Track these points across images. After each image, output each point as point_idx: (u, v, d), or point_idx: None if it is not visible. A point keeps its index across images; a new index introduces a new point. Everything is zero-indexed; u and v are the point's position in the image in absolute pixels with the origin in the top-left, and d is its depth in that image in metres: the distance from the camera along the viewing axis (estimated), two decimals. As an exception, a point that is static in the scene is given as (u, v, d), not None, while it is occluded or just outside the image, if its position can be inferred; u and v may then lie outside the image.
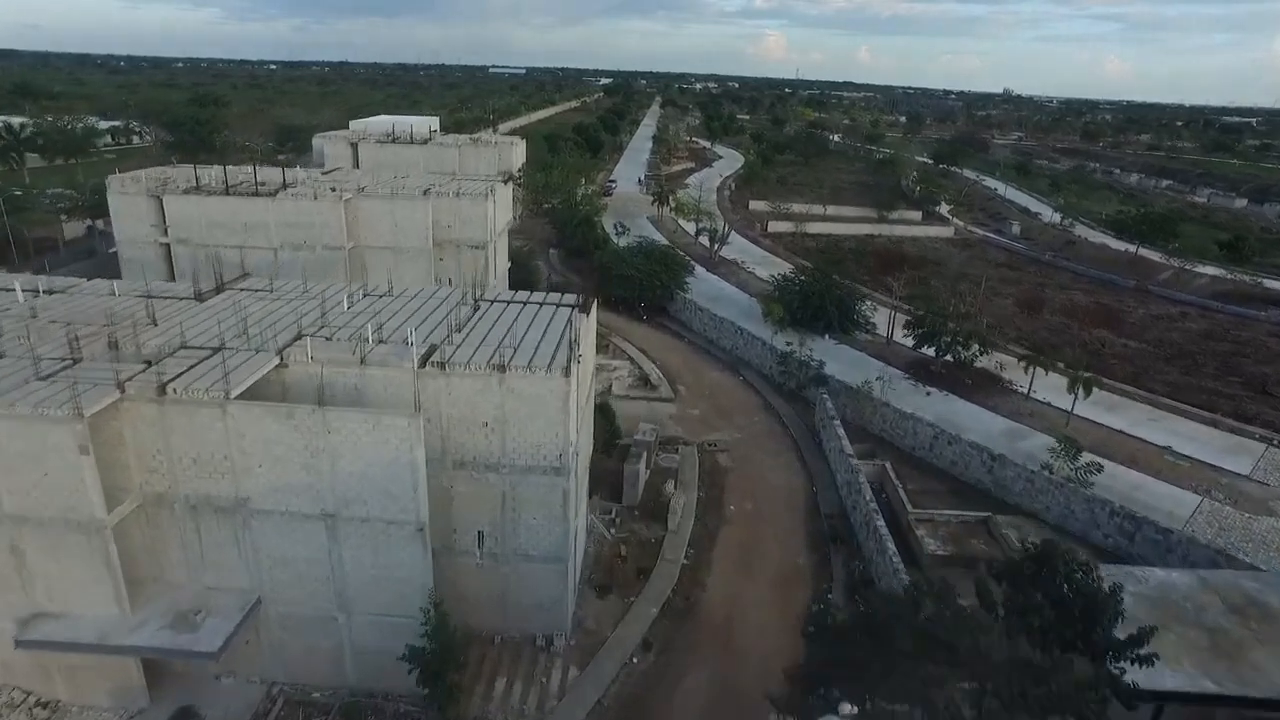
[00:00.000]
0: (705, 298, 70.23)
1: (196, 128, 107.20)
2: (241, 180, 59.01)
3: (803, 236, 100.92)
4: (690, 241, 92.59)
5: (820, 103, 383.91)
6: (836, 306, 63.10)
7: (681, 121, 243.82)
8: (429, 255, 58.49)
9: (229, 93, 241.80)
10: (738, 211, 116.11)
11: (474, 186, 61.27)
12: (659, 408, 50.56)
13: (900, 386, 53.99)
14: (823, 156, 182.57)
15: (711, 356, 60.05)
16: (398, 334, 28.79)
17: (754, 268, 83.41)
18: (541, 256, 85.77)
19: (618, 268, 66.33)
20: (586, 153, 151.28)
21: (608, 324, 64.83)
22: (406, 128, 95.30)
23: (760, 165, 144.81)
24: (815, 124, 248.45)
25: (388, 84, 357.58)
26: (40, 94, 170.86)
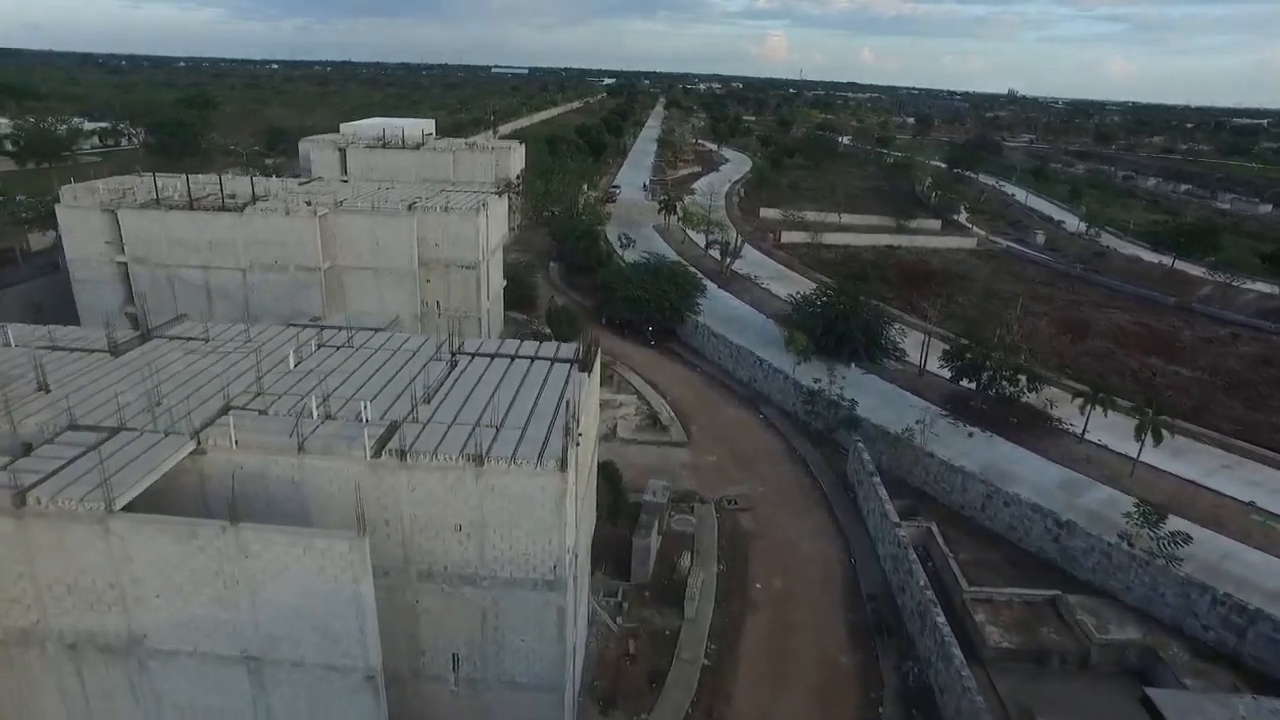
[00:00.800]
0: (718, 319, 64.12)
1: (179, 129, 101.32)
2: (208, 192, 53.02)
3: (818, 248, 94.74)
4: (700, 254, 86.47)
5: (826, 104, 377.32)
6: (863, 332, 57.03)
7: (686, 123, 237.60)
8: (414, 277, 52.52)
9: (226, 93, 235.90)
10: (748, 220, 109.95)
11: (464, 200, 55.20)
12: (671, 454, 44.51)
13: (938, 425, 47.99)
14: (832, 160, 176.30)
15: (727, 389, 53.95)
16: (352, 404, 22.76)
17: (769, 283, 77.29)
18: (541, 270, 79.74)
19: (623, 288, 60.27)
20: (589, 156, 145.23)
21: (612, 350, 58.76)
22: (399, 131, 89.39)
23: (769, 170, 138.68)
24: (822, 126, 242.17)
25: (388, 84, 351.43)
26: (27, 94, 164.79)
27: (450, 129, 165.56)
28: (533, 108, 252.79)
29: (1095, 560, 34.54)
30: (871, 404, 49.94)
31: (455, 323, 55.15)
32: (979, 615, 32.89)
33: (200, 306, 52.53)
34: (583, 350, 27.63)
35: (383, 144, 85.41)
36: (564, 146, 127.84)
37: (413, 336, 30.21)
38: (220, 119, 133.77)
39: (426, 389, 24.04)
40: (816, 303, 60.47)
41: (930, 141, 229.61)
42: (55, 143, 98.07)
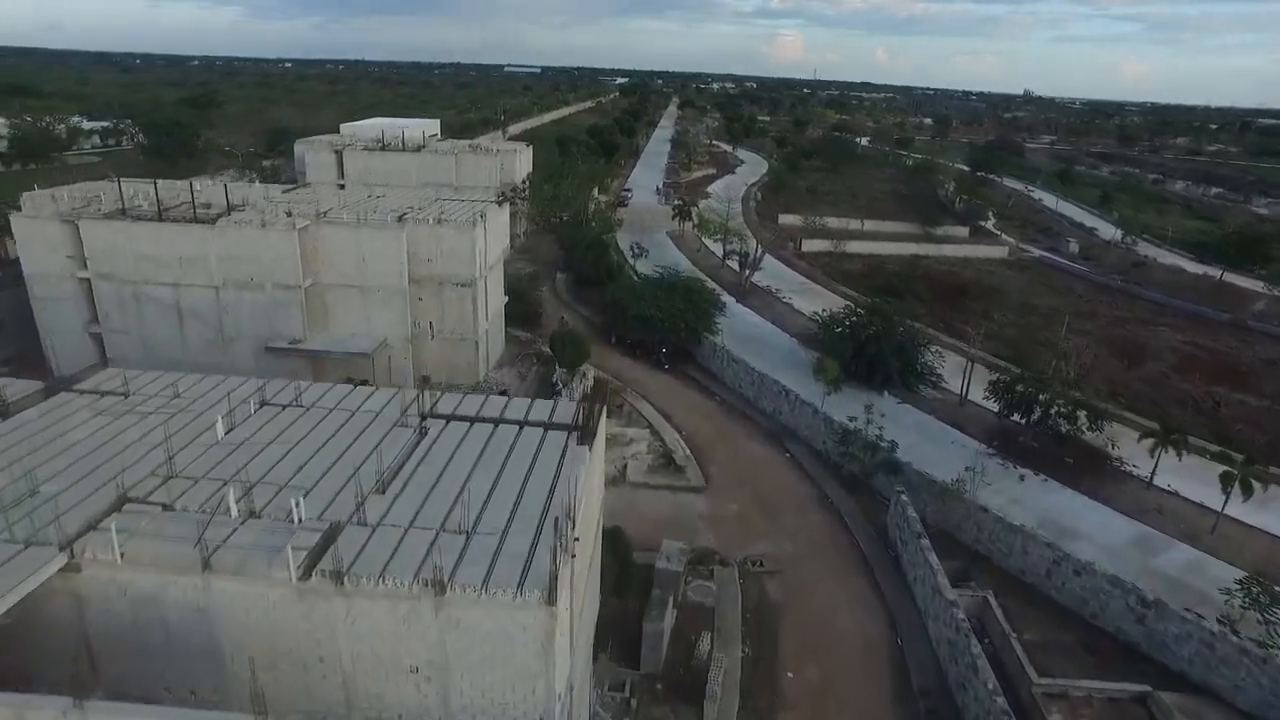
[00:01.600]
0: (738, 339, 58.66)
1: (174, 130, 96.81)
2: (181, 201, 48.07)
3: (841, 257, 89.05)
4: (717, 264, 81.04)
5: (841, 104, 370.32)
6: (898, 356, 51.55)
7: (701, 123, 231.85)
8: (404, 295, 47.41)
9: (236, 91, 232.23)
10: (766, 226, 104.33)
11: (460, 210, 50.02)
12: (687, 502, 39.18)
13: (985, 465, 42.57)
14: (851, 162, 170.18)
15: (749, 422, 48.53)
16: (286, 495, 17.62)
17: (791, 297, 71.75)
18: (548, 282, 74.53)
19: (634, 305, 54.92)
20: (600, 157, 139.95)
21: (621, 375, 53.49)
22: (408, 131, 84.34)
23: (787, 172, 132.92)
24: (839, 126, 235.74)
25: (400, 83, 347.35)
26: (31, 93, 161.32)
27: (458, 129, 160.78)
28: (544, 107, 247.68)
29: (1193, 650, 29.01)
30: (909, 440, 44.54)
31: (450, 344, 50.28)
32: (1053, 714, 27.49)
33: (170, 328, 47.67)
34: (584, 413, 22.23)
35: (381, 146, 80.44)
36: (574, 148, 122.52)
37: (377, 392, 24.99)
38: (222, 119, 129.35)
39: (382, 473, 18.82)
40: (845, 323, 55.04)
41: (950, 143, 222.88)
42: (46, 143, 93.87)
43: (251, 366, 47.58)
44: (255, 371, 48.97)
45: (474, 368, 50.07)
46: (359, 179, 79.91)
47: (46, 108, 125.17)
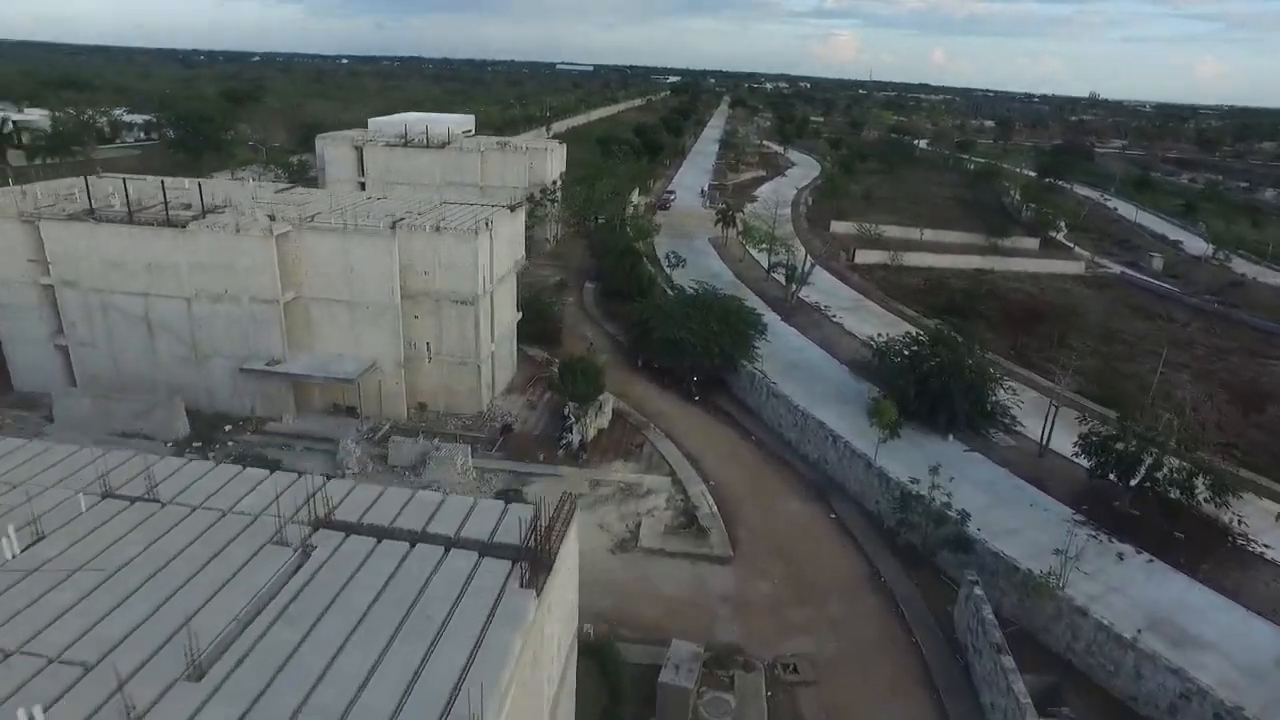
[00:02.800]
0: (781, 365, 51.51)
1: (200, 124, 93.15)
2: (155, 201, 42.72)
3: (899, 270, 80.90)
4: (761, 276, 73.69)
5: (898, 105, 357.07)
6: (966, 394, 43.77)
7: (751, 123, 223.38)
8: (396, 312, 41.32)
9: (287, 86, 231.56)
10: (817, 233, 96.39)
11: (466, 216, 43.74)
12: (709, 576, 32.22)
13: (1074, 536, 34.81)
14: (909, 165, 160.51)
15: (788, 470, 41.30)
16: (50, 678, 11.23)
17: (842, 316, 64.05)
18: (576, 291, 68.08)
19: (662, 327, 48.01)
20: (644, 157, 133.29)
21: (645, 406, 46.72)
22: (437, 127, 78.72)
23: (841, 176, 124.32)
24: (896, 128, 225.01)
25: (452, 79, 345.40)
26: (83, 86, 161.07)
27: (499, 125, 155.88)
28: (591, 105, 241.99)
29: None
30: (980, 501, 36.96)
31: (450, 368, 44.09)
32: None
33: (140, 342, 42.39)
34: (539, 535, 15.37)
35: (405, 142, 75.00)
36: (616, 147, 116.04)
37: (269, 480, 18.28)
38: (258, 113, 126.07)
39: (203, 650, 12.28)
40: (904, 352, 47.40)
41: (1013, 146, 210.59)
42: (71, 137, 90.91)
43: (228, 388, 42.19)
44: (232, 394, 43.70)
45: (476, 395, 43.82)
46: (380, 177, 74.79)
47: (88, 101, 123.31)
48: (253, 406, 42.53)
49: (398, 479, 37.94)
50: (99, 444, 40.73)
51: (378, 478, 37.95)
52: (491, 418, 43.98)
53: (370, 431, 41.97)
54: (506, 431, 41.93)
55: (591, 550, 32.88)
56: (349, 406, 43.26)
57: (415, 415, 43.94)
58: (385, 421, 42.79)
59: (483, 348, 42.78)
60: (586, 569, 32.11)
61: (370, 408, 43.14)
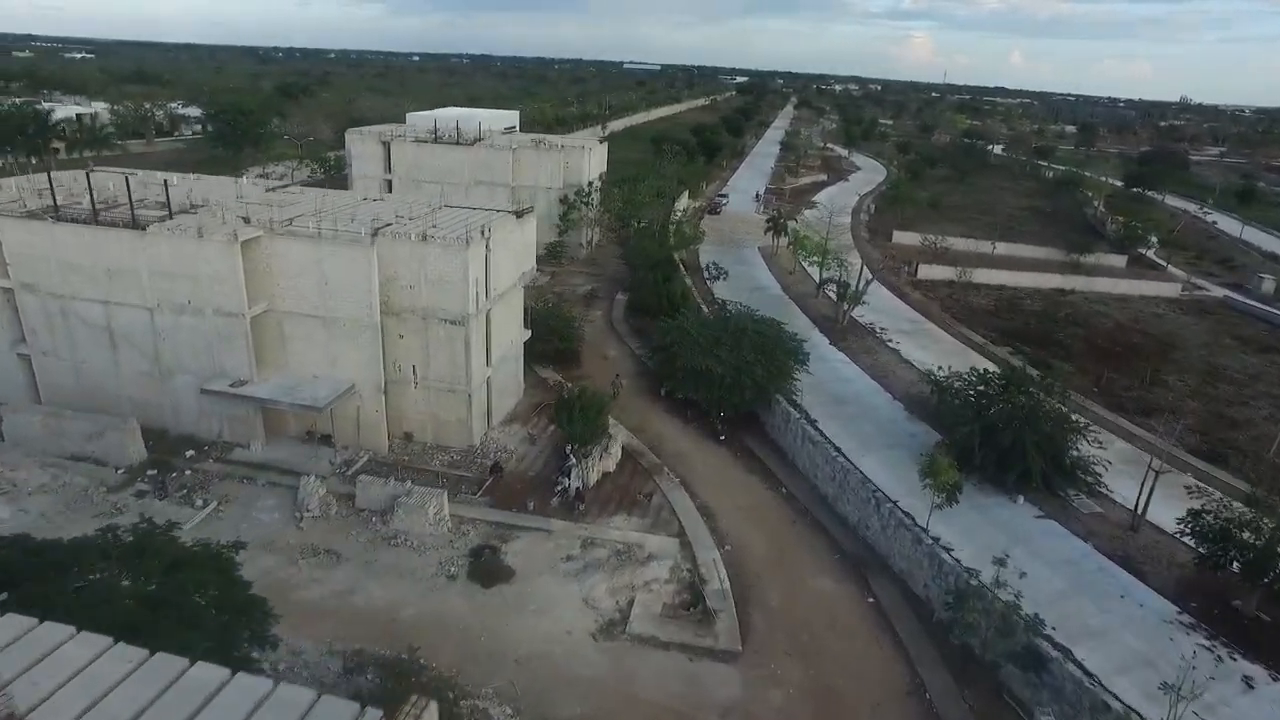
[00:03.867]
0: (824, 398, 44.73)
1: (238, 117, 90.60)
2: (142, 199, 38.24)
3: (966, 288, 72.54)
4: (811, 291, 66.52)
5: (972, 108, 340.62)
6: (1042, 448, 36.27)
7: (816, 125, 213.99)
8: (375, 331, 35.92)
9: (355, 82, 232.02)
10: (877, 244, 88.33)
11: (462, 221, 38.12)
12: (707, 678, 25.80)
13: (1178, 639, 27.45)
14: (981, 173, 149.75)
15: (821, 535, 34.49)
16: None
17: (900, 340, 56.57)
18: (605, 301, 62.09)
19: (687, 354, 41.56)
20: (699, 158, 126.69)
21: (661, 445, 40.45)
22: (456, 123, 73.98)
23: (907, 182, 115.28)
24: (969, 132, 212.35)
25: (517, 77, 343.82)
26: (152, 81, 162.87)
27: (551, 123, 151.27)
28: (652, 104, 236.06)
29: None
30: (1056, 585, 29.97)
31: (438, 396, 38.57)
32: None
33: (103, 354, 38.01)
34: None
35: (435, 138, 70.22)
36: (667, 147, 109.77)
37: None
38: (307, 107, 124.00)
39: None
40: (969, 393, 40.04)
41: (1097, 153, 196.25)
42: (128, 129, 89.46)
43: (194, 408, 37.51)
44: (199, 416, 38.98)
45: (465, 427, 38.22)
46: (407, 175, 70.26)
47: (147, 95, 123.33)
48: (220, 430, 37.84)
49: (364, 525, 32.65)
50: (47, 466, 36.93)
51: (341, 523, 32.76)
52: (483, 453, 38.33)
53: (344, 465, 36.80)
54: (496, 472, 36.21)
55: (569, 635, 26.93)
56: (324, 435, 38.18)
57: (399, 446, 38.62)
58: (363, 453, 37.57)
59: (474, 374, 37.13)
60: (559, 661, 26.21)
61: (348, 436, 37.99)
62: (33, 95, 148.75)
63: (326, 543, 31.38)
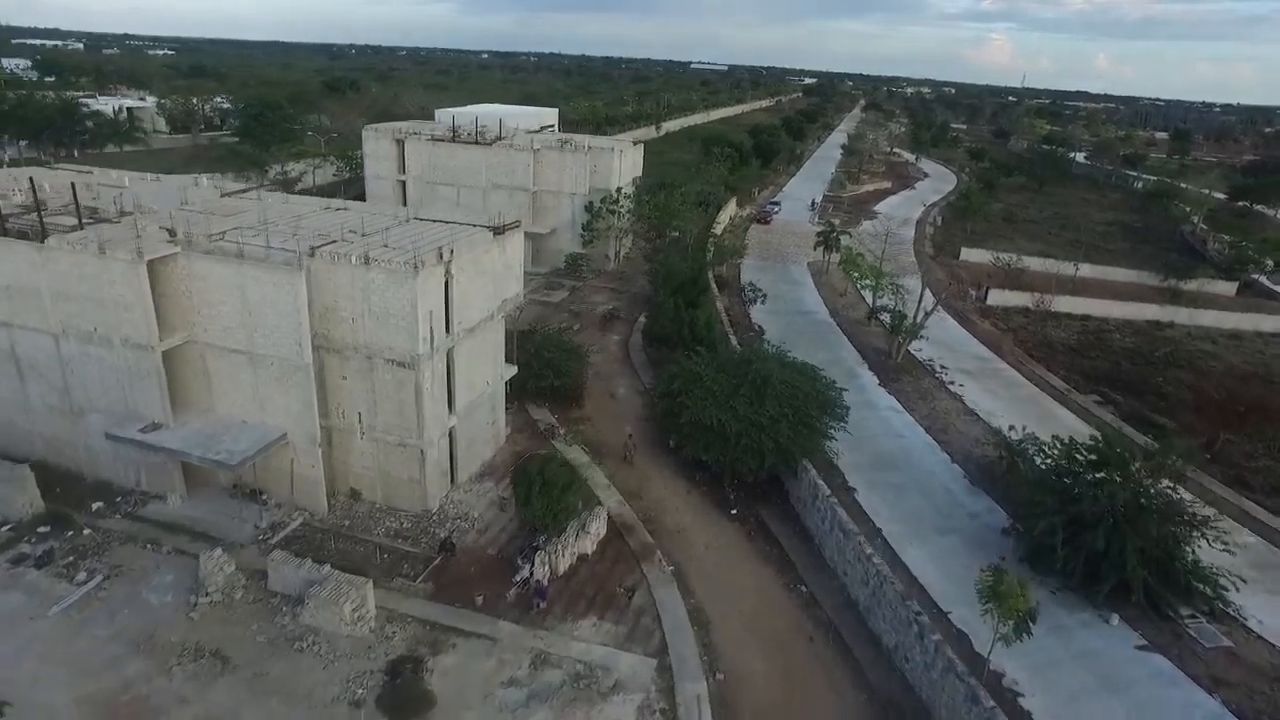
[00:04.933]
0: (867, 458, 36.75)
1: (264, 113, 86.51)
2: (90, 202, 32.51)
3: (1044, 318, 62.67)
4: (862, 317, 57.86)
5: (1054, 113, 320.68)
6: (1146, 553, 27.52)
7: (883, 128, 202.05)
8: (308, 372, 29.25)
9: (412, 78, 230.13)
10: (943, 262, 78.68)
11: (423, 238, 31.27)
12: None
13: None
14: (1062, 183, 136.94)
15: (846, 660, 26.32)
16: None
17: (964, 382, 47.70)
18: (627, 324, 54.66)
19: (696, 405, 33.77)
20: (753, 161, 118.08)
21: (659, 516, 32.88)
22: (474, 120, 67.50)
23: (979, 192, 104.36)
24: (1049, 139, 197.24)
25: (579, 75, 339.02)
26: (210, 76, 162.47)
27: (598, 123, 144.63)
28: (713, 104, 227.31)
29: None
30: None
31: (389, 450, 31.76)
32: None
33: (10, 384, 32.40)
34: None
35: (452, 137, 63.94)
36: (718, 149, 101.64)
37: None
38: (350, 103, 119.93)
39: None
40: (1054, 473, 31.37)
41: (1194, 163, 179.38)
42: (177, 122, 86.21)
43: (110, 451, 31.61)
44: (114, 460, 32.91)
45: (419, 488, 31.36)
46: (422, 176, 64.24)
47: (195, 89, 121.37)
48: (138, 479, 31.87)
49: (271, 616, 26.07)
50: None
51: (245, 612, 26.23)
52: (441, 519, 31.42)
53: (270, 529, 30.36)
54: (446, 550, 29.21)
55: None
56: (254, 491, 31.86)
57: (344, 506, 32.03)
58: (297, 514, 31.09)
59: (428, 426, 30.23)
60: None
61: (282, 492, 31.58)
62: (98, 89, 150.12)
63: (217, 641, 24.87)
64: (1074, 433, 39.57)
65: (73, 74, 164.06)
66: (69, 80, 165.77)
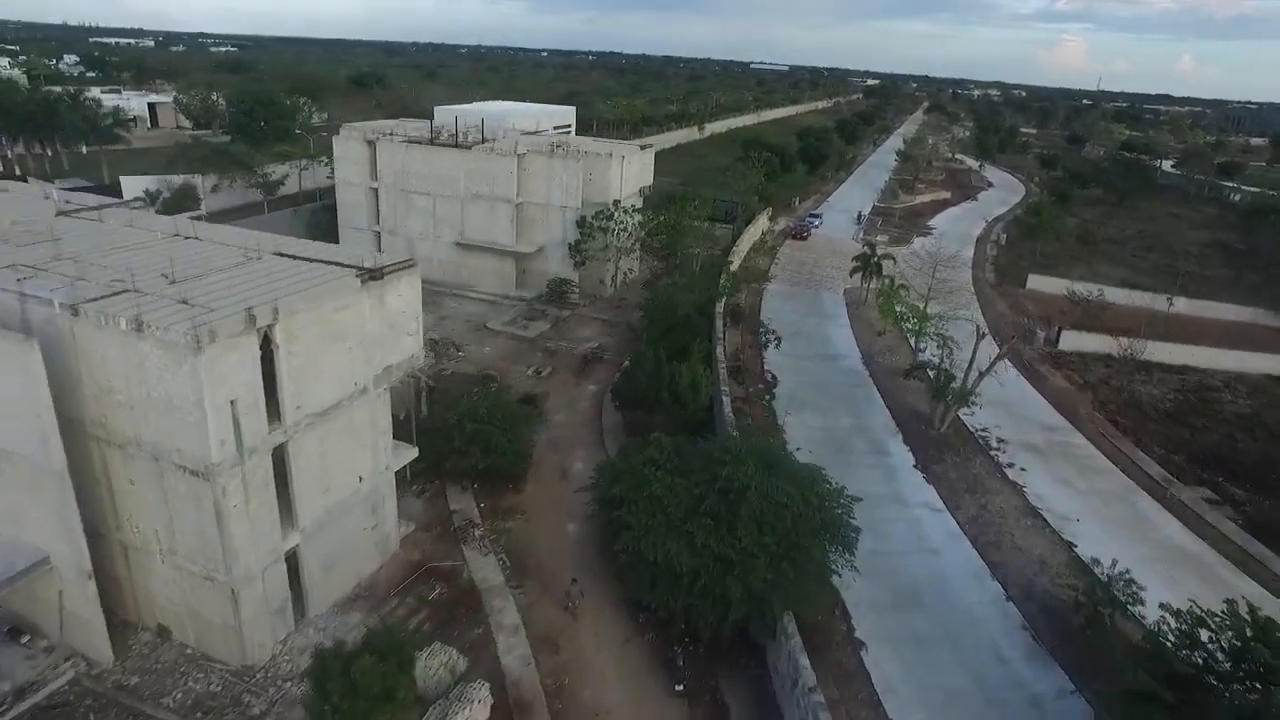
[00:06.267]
0: (888, 591, 26.57)
1: (256, 109, 79.43)
2: None
3: (1132, 369, 50.52)
4: (901, 365, 46.82)
5: (1133, 116, 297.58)
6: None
7: (945, 133, 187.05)
8: (60, 479, 20.19)
9: (466, 74, 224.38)
10: (1006, 291, 66.59)
11: (237, 289, 21.83)
12: None
13: None
14: (1146, 195, 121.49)
15: None
16: None
17: (1025, 466, 36.46)
18: (607, 370, 44.74)
19: (637, 529, 23.71)
20: (798, 166, 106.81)
21: (573, 688, 22.95)
22: (453, 120, 58.43)
23: (1051, 206, 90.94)
24: (1129, 144, 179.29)
25: (633, 73, 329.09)
26: (247, 71, 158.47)
27: (636, 123, 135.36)
28: (765, 104, 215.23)
29: None
30: None
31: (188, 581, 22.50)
32: None
33: None
34: None
35: (432, 139, 55.01)
36: (755, 153, 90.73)
37: None
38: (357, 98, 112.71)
39: None
40: (1174, 650, 20.52)
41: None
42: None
43: None
44: None
45: (234, 636, 22.11)
46: (395, 183, 55.59)
47: (209, 84, 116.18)
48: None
49: None
50: None
51: None
52: (267, 682, 22.17)
53: (23, 689, 21.55)
54: (244, 748, 19.90)
55: None
56: (11, 628, 23.15)
57: (147, 648, 23.09)
58: (67, 664, 22.23)
59: (242, 557, 20.99)
60: None
61: (51, 629, 22.77)
62: (136, 85, 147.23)
63: None
64: (1179, 550, 28.73)
65: (117, 70, 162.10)
66: (112, 76, 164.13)
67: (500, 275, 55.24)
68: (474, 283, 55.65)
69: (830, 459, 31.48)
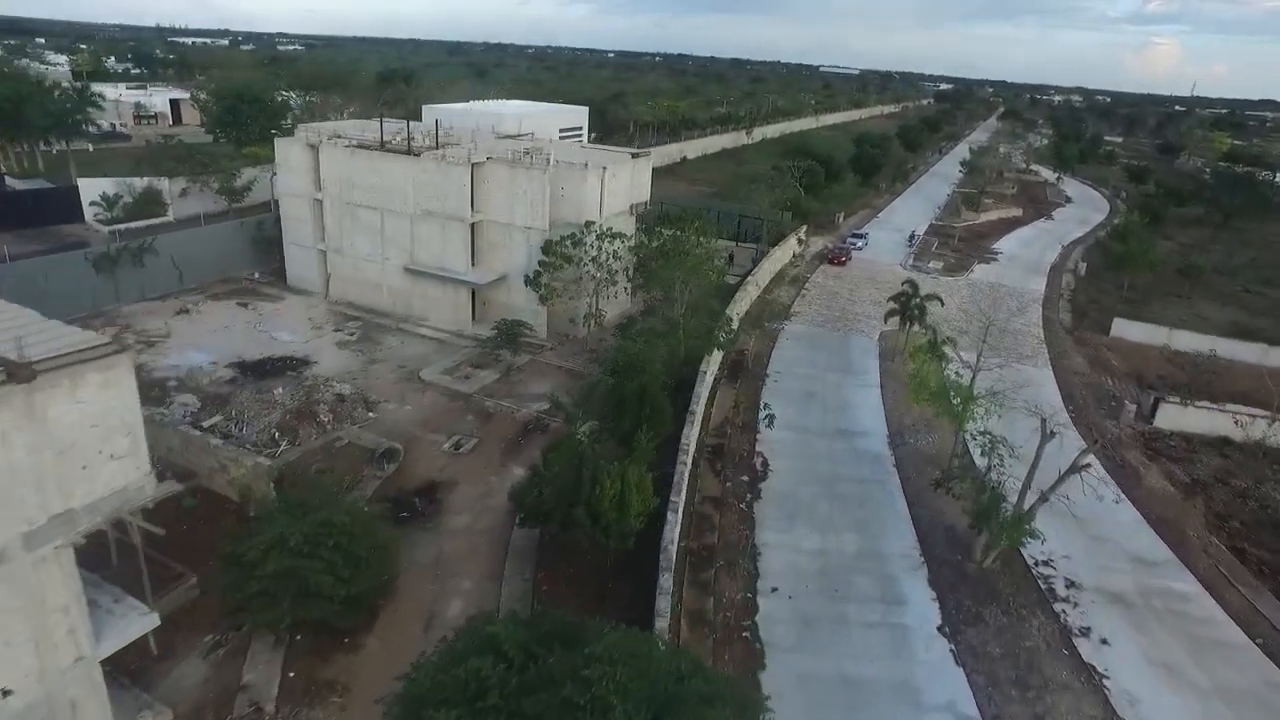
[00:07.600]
0: None
1: (238, 103, 71.98)
2: None
3: (1257, 458, 37.55)
4: (938, 449, 35.14)
5: (1235, 124, 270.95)
6: None
7: (1020, 141, 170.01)
8: None
9: (518, 74, 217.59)
10: (1083, 338, 53.60)
11: None
12: None
13: None
14: (1257, 215, 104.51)
15: None
16: None
17: (1106, 635, 24.71)
18: (558, 432, 34.45)
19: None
20: (848, 177, 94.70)
21: None
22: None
23: (1141, 229, 76.41)
24: (1233, 155, 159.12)
25: (695, 75, 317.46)
26: (283, 66, 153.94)
27: (675, 125, 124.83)
28: (826, 108, 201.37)
29: None
30: None
31: None
32: None
33: None
34: None
35: (383, 143, 45.74)
36: (791, 164, 79.06)
37: None
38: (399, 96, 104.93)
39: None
40: None
41: None
42: None
43: None
44: None
45: None
46: (340, 195, 46.66)
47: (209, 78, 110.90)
48: None
49: None
50: None
51: None
52: None
53: None
54: None
55: None
56: None
57: None
58: None
59: None
60: None
61: None
62: (180, 81, 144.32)
63: None
64: None
65: (162, 66, 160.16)
66: (157, 73, 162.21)
67: (455, 308, 45.59)
68: (426, 315, 46.21)
69: (817, 609, 20.80)
